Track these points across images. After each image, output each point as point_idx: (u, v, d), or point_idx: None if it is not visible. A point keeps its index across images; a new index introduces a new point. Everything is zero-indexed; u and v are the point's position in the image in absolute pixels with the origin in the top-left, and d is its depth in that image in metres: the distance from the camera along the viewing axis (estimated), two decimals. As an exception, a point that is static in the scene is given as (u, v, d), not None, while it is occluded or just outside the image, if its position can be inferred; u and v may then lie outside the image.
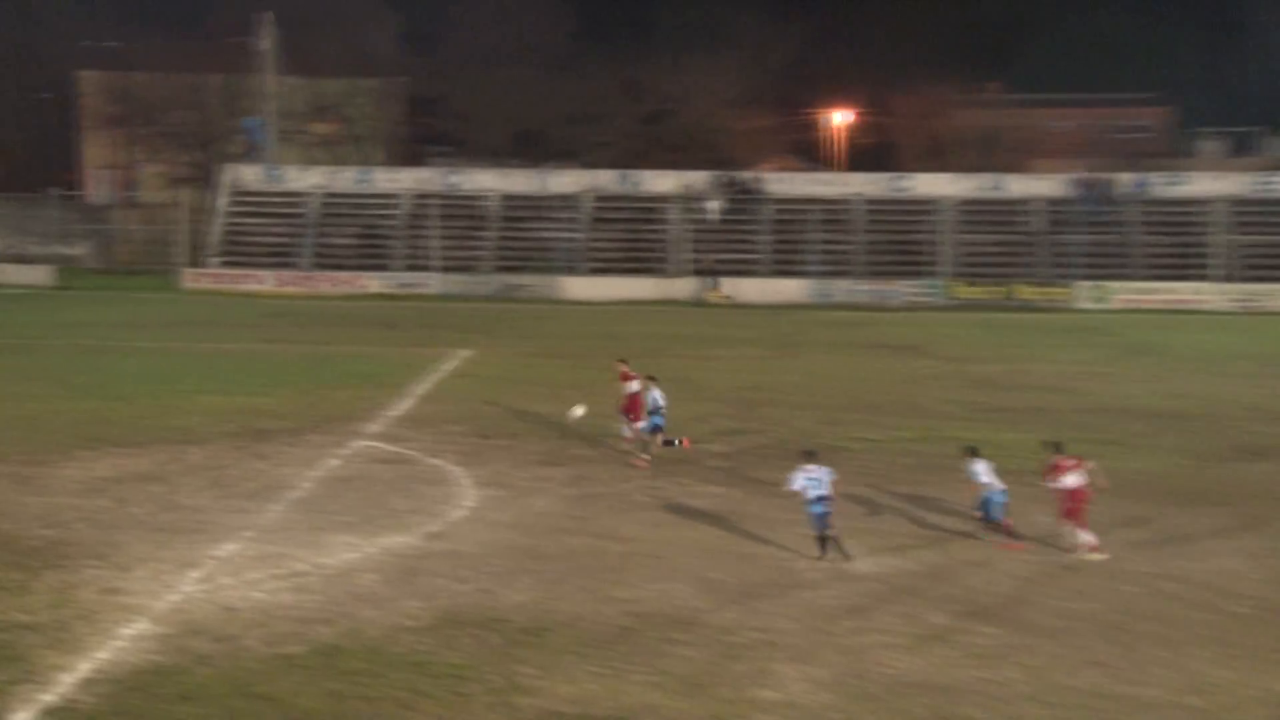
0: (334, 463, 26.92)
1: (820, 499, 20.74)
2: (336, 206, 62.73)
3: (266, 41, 65.00)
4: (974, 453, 21.92)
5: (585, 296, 56.61)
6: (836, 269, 58.99)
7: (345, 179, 64.23)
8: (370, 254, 60.50)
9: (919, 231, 60.81)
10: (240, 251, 60.13)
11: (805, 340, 45.34)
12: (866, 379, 37.31)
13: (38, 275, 57.21)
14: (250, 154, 69.81)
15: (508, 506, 23.95)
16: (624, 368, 27.62)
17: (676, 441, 27.21)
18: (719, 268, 58.03)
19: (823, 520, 20.84)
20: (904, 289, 57.84)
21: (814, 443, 27.69)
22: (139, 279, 58.45)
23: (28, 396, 32.40)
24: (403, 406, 32.62)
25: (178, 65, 72.97)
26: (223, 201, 62.41)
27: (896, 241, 60.34)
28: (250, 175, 64.10)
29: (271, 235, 61.18)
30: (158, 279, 58.48)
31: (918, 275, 58.79)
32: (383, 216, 62.07)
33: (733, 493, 24.63)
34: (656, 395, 26.80)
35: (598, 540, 21.99)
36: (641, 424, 26.76)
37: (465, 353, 41.48)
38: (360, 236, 61.46)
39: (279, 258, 59.84)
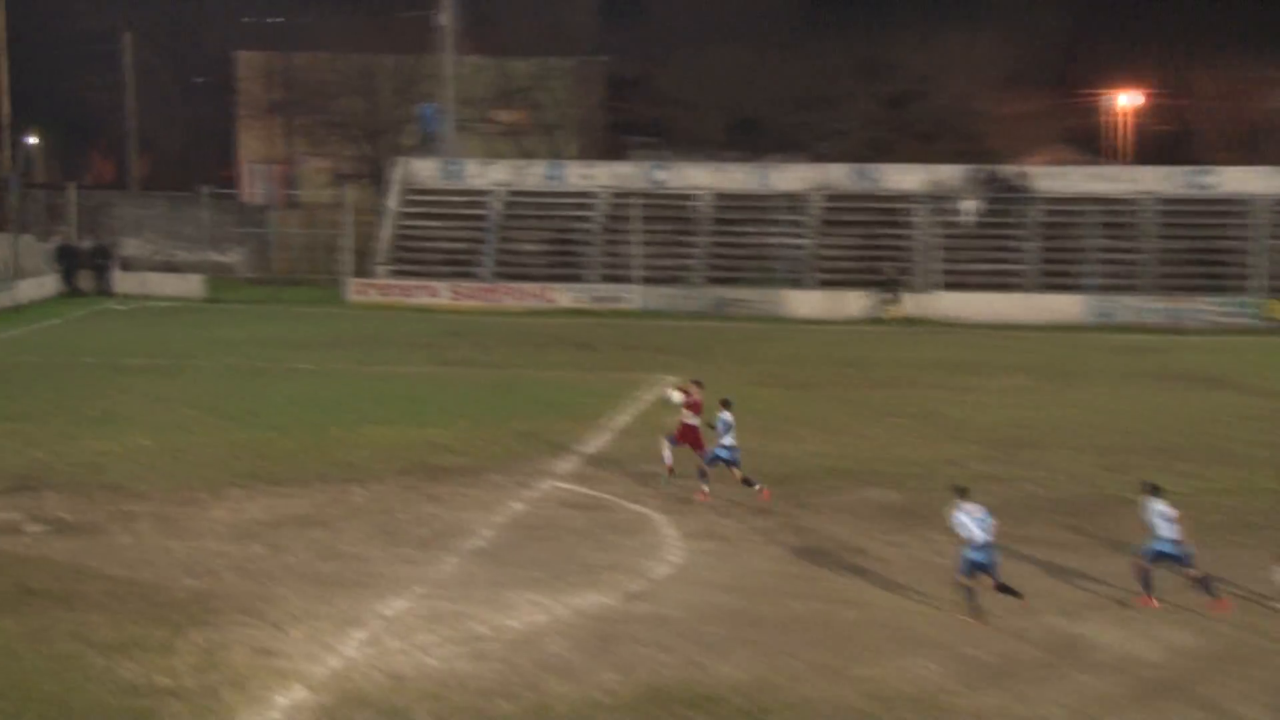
0: (518, 507, 27.22)
1: (985, 545, 20.87)
2: (523, 206, 63.67)
3: (446, 17, 66.51)
4: (1155, 491, 21.46)
5: (813, 314, 56.33)
6: (1121, 283, 57.57)
7: (533, 175, 65.19)
8: (561, 262, 61.23)
9: (1225, 238, 58.93)
10: (413, 259, 61.48)
11: (1082, 369, 44.32)
12: (1159, 417, 36.28)
13: (186, 286, 59.41)
14: (425, 146, 71.38)
15: (721, 563, 23.88)
16: (696, 393, 27.89)
17: (757, 486, 27.34)
18: (899, 277, 57.15)
19: (987, 570, 20.98)
20: (1206, 307, 56.05)
21: (1095, 492, 26.89)
22: (298, 290, 60.24)
23: (173, 425, 33.60)
24: (598, 442, 32.83)
25: (346, 45, 75.11)
26: (393, 201, 63.91)
27: (1197, 250, 58.60)
28: (425, 171, 65.55)
29: (448, 240, 62.38)
30: (319, 290, 60.16)
31: (1223, 291, 56.96)
32: (576, 218, 62.78)
33: (993, 553, 24.12)
34: (727, 420, 27.10)
35: (827, 605, 21.77)
36: (708, 452, 27.35)
37: (672, 378, 41.55)
38: (550, 242, 62.22)
39: (457, 266, 60.98)
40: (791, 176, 63.42)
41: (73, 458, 30.18)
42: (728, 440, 27.26)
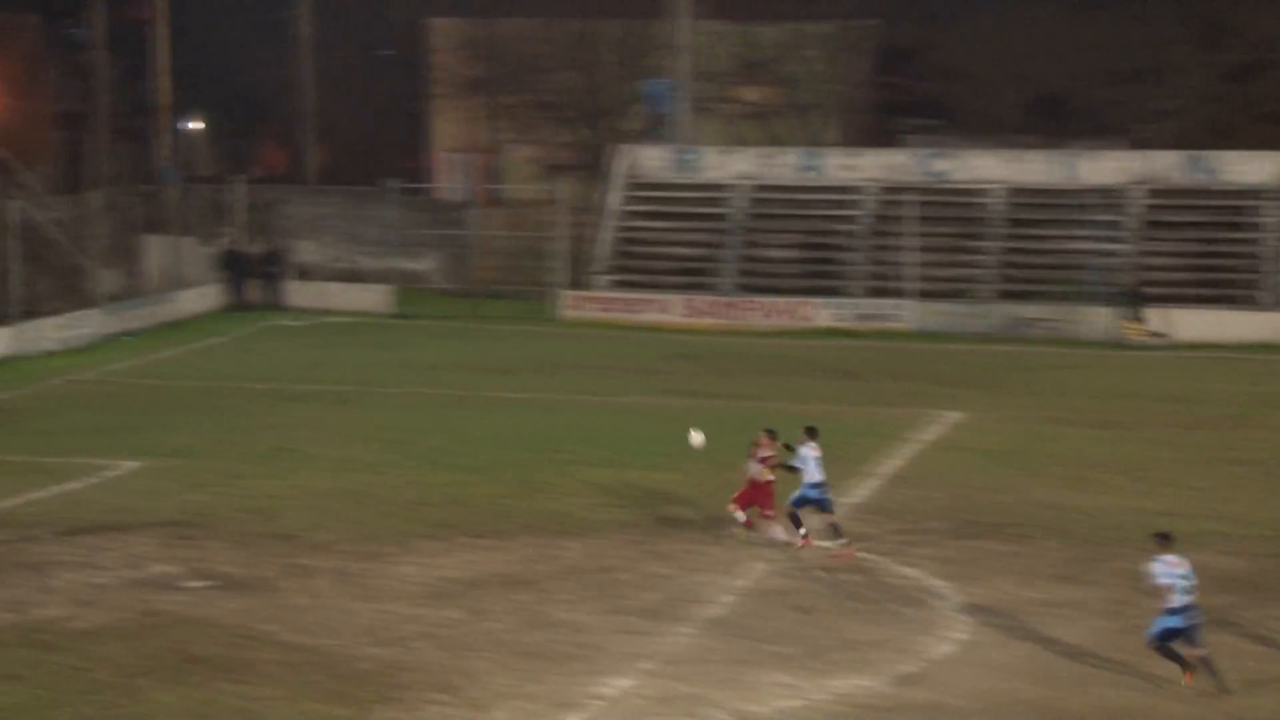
0: (764, 569, 27.35)
1: (1187, 607, 21.34)
2: (772, 204, 63.72)
3: (680, -26, 67.10)
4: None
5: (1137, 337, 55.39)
6: None
7: (784, 165, 65.24)
8: (818, 272, 61.11)
9: None
10: (638, 267, 61.92)
11: None
12: None
13: (372, 298, 60.71)
14: (654, 131, 71.88)
15: (1015, 640, 23.71)
16: (766, 444, 28.41)
17: (843, 540, 27.95)
18: (1143, 291, 55.72)
19: (1191, 634, 21.33)
20: None
21: None
22: (501, 304, 61.09)
23: (354, 464, 34.47)
24: (863, 491, 32.83)
25: (560, 9, 76.07)
26: (616, 197, 64.51)
27: None
28: (653, 160, 66.06)
29: (681, 244, 62.78)
30: (526, 304, 60.90)
31: None
32: (836, 219, 62.69)
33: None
34: (808, 455, 28.01)
35: (1149, 697, 21.48)
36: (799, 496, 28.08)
37: (953, 415, 41.34)
38: (804, 247, 62.18)
39: (691, 276, 61.29)
40: (1106, 167, 62.49)
41: (239, 501, 31.16)
42: (817, 477, 27.85)
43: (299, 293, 61.36)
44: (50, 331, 50.99)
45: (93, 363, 48.39)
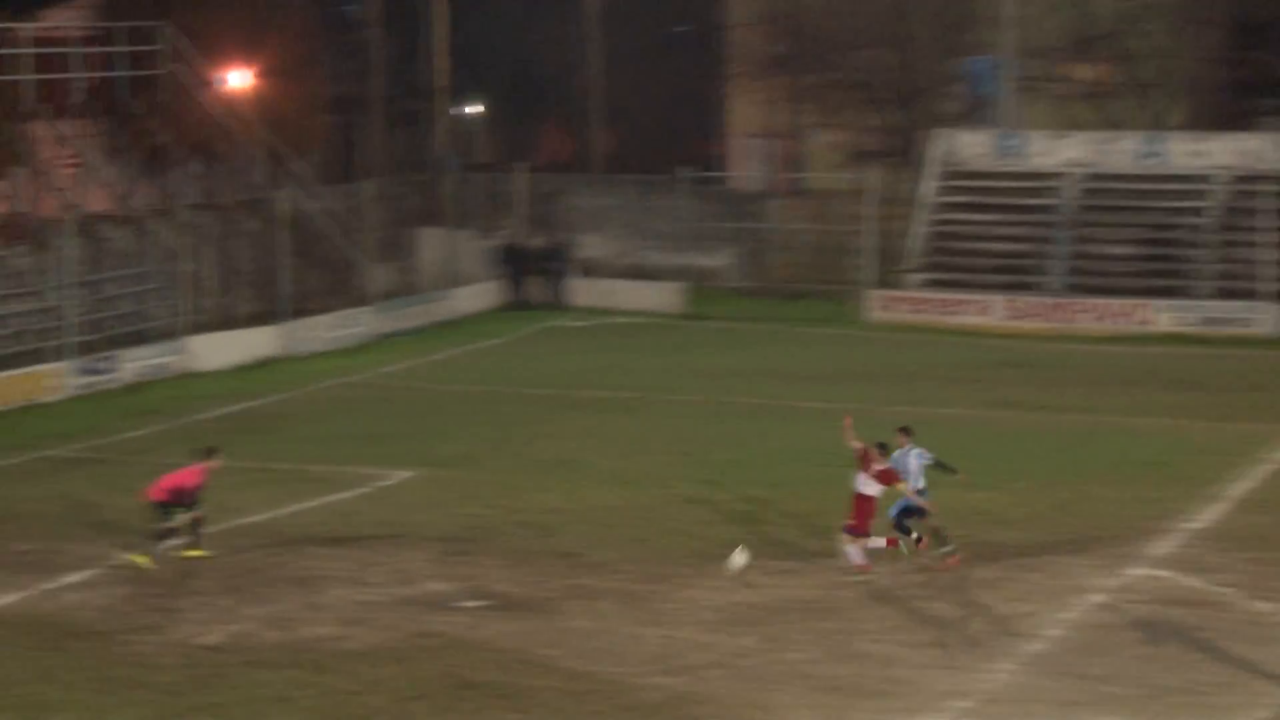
0: (1097, 600, 27.05)
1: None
2: (1107, 195, 62.90)
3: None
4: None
5: None
6: None
7: (1122, 151, 64.36)
8: (1159, 271, 60.21)
9: None
10: (954, 265, 61.51)
11: None
12: None
13: (661, 297, 61.10)
14: (973, 114, 71.41)
15: (1386, 688, 23.14)
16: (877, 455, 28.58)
17: (950, 546, 28.74)
18: None
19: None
20: None
21: None
22: (804, 305, 61.06)
23: (641, 477, 34.85)
24: (1210, 515, 32.31)
25: (870, -18, 75.93)
26: (930, 187, 64.20)
27: None
28: (972, 147, 65.61)
29: (1003, 239, 62.29)
30: (831, 304, 60.80)
31: None
32: (1181, 210, 61.70)
33: None
34: (915, 458, 29.22)
35: None
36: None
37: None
38: (1144, 243, 61.31)
39: (1014, 275, 60.77)
40: None
41: (517, 515, 31.69)
42: (920, 484, 28.67)
43: (582, 291, 62.04)
44: (320, 331, 52.39)
45: (364, 365, 49.58)
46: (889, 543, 28.78)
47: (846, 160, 78.32)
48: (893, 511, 28.90)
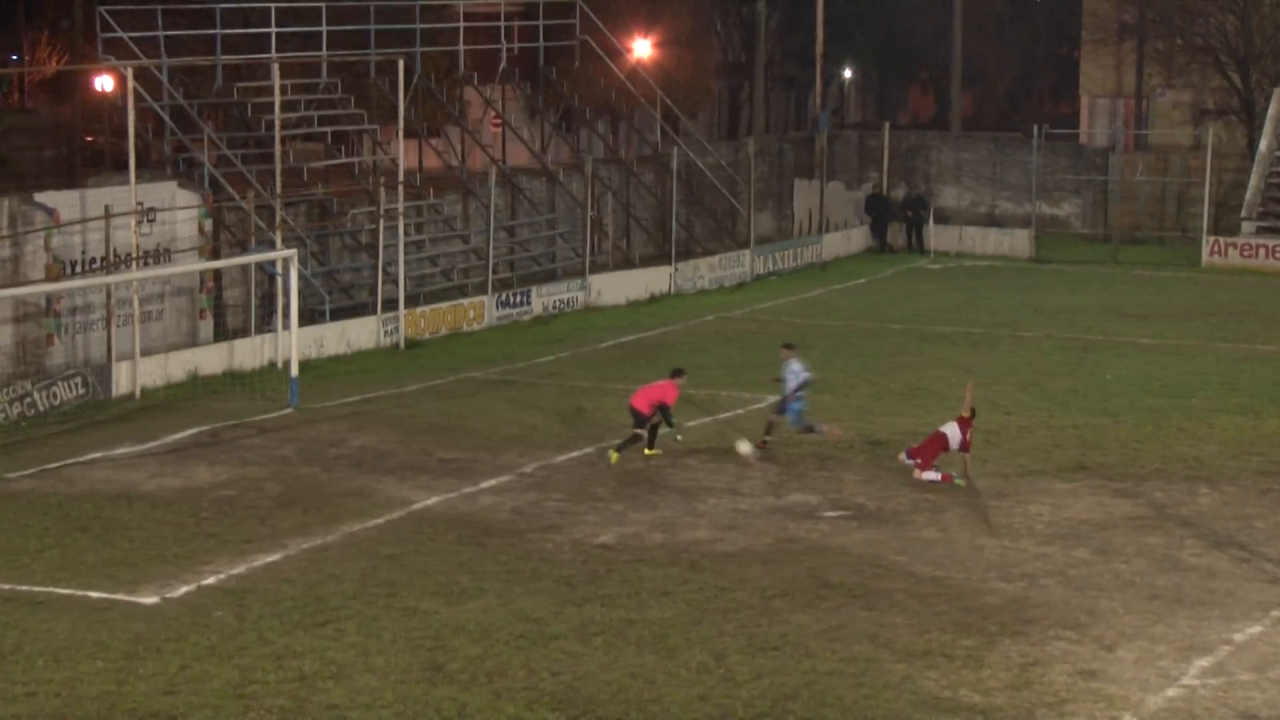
0: None
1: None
2: None
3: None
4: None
5: None
6: None
7: None
8: None
9: None
10: (1288, 214, 59.84)
11: None
12: None
13: (1011, 243, 60.50)
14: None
15: None
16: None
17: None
18: None
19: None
20: None
21: None
22: (1140, 249, 59.91)
23: (986, 405, 34.53)
24: None
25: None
26: (1267, 143, 62.29)
27: None
28: (1307, 104, 63.54)
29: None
30: (1166, 250, 59.60)
31: None
32: None
33: None
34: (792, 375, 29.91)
35: None
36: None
37: None
38: None
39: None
40: None
41: (873, 438, 31.70)
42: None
43: (939, 237, 61.71)
44: (705, 271, 52.82)
45: (742, 301, 49.93)
46: (944, 477, 28.50)
47: (1189, 118, 76.49)
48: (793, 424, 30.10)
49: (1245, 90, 71.04)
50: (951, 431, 28.42)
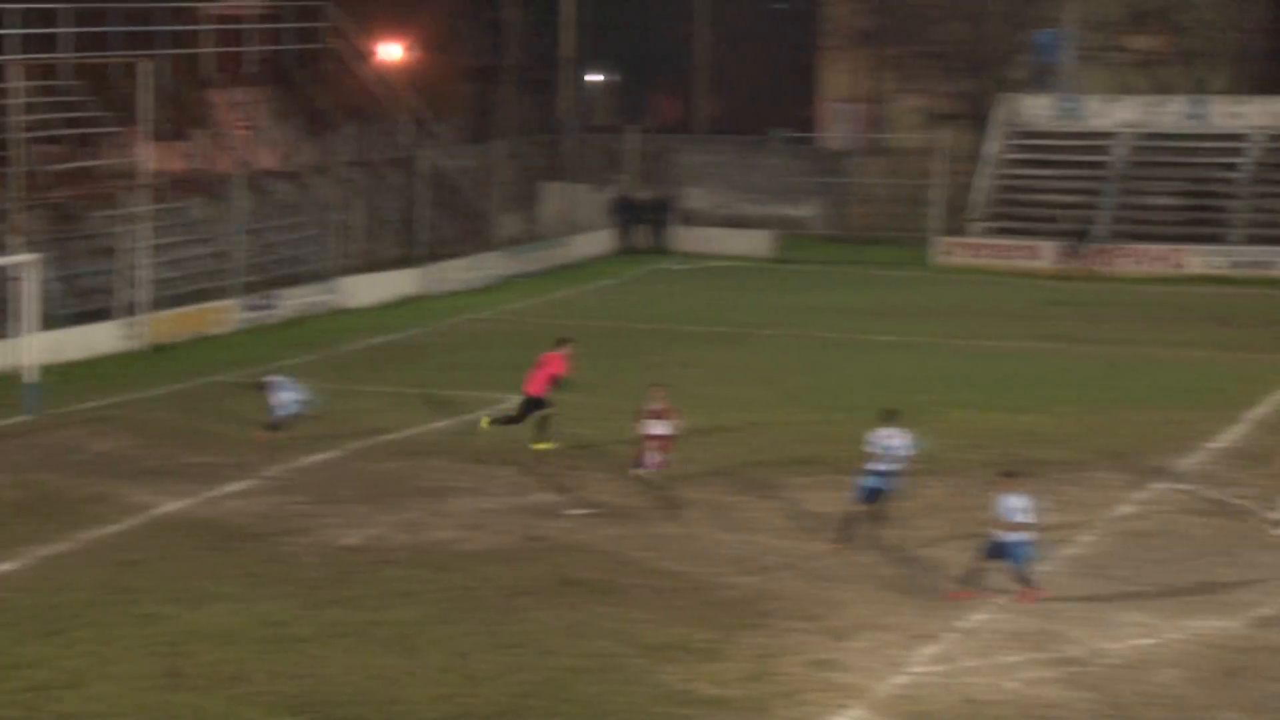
0: (1126, 510, 27.01)
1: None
2: (1154, 152, 62.29)
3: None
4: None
5: None
6: None
7: (1169, 114, 63.67)
8: (1197, 220, 59.61)
9: None
10: (1015, 214, 61.10)
11: None
12: None
13: (753, 243, 61.06)
14: (1039, 80, 70.62)
15: (1379, 590, 22.99)
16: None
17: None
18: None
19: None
20: None
21: None
22: (879, 250, 60.97)
23: (730, 403, 34.91)
24: (1232, 436, 32.13)
25: (949, -38, 75.20)
26: (995, 146, 63.71)
27: None
28: (1035, 109, 65.07)
29: (1058, 192, 61.77)
30: (903, 250, 60.72)
31: None
32: (1219, 166, 60.97)
33: None
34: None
35: None
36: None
37: None
38: (1185, 194, 60.66)
39: (1065, 223, 60.34)
40: None
41: (619, 434, 31.73)
42: None
43: (685, 238, 62.07)
44: (454, 273, 52.60)
45: (492, 303, 49.79)
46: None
47: (923, 122, 77.94)
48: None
49: (975, 95, 72.59)
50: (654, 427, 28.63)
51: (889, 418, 25.27)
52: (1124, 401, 35.35)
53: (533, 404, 29.82)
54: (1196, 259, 56.60)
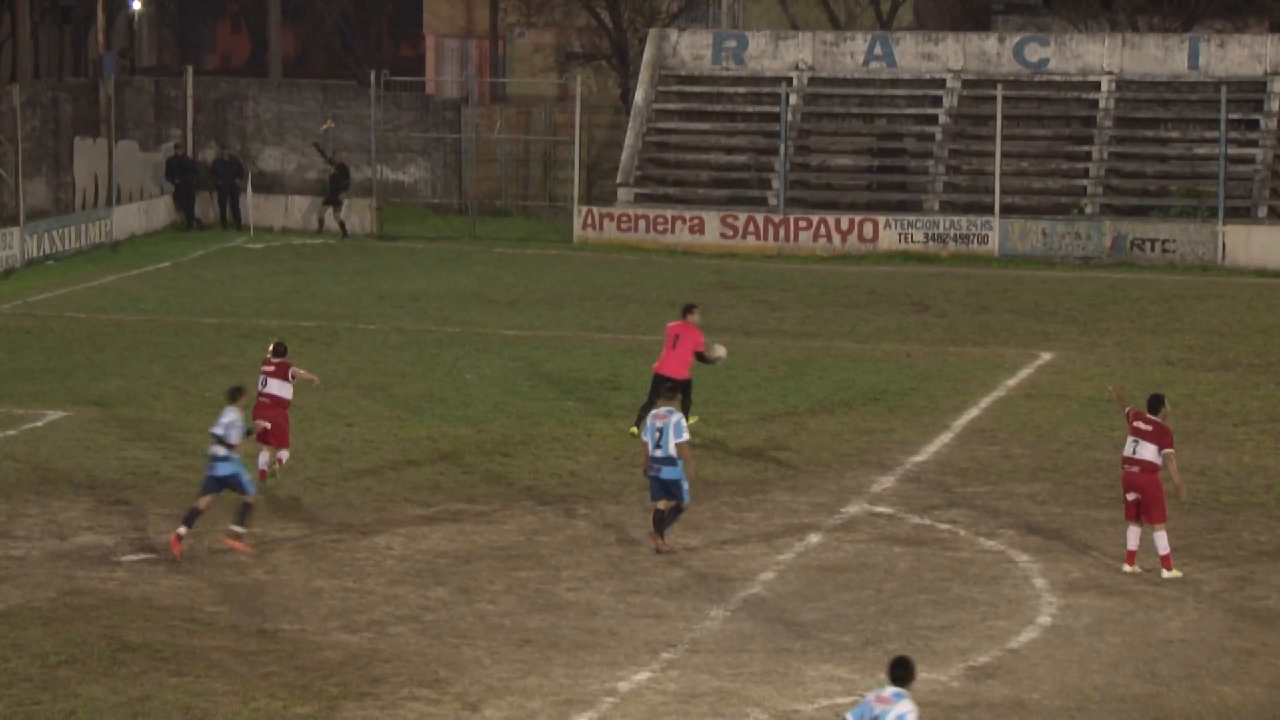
0: (814, 540, 27.49)
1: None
2: (832, 101, 63.63)
3: None
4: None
5: (1269, 261, 55.35)
6: None
7: (849, 55, 64.99)
8: (887, 184, 61.09)
9: None
10: (668, 178, 61.87)
11: None
12: None
13: (348, 215, 60.83)
14: (693, 13, 71.76)
15: (1112, 627, 23.86)
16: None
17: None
18: None
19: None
20: None
21: None
22: (504, 222, 61.15)
23: (323, 415, 34.66)
24: (934, 447, 32.94)
25: None
26: (643, 94, 64.47)
27: None
28: (690, 49, 65.84)
29: (720, 150, 62.75)
30: (534, 222, 60.98)
31: None
32: (911, 118, 62.62)
33: None
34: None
35: (1273, 691, 21.58)
36: None
37: (1044, 356, 41.40)
38: (871, 154, 62.11)
39: (731, 189, 61.30)
40: (1238, 55, 62.21)
41: (185, 458, 31.38)
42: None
43: (260, 209, 61.51)
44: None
45: (10, 293, 48.67)
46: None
47: (553, 64, 78.40)
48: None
49: (616, 31, 73.06)
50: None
51: (233, 397, 27.07)
52: (808, 407, 36.02)
53: (672, 387, 29.09)
54: (890, 232, 58.00)
